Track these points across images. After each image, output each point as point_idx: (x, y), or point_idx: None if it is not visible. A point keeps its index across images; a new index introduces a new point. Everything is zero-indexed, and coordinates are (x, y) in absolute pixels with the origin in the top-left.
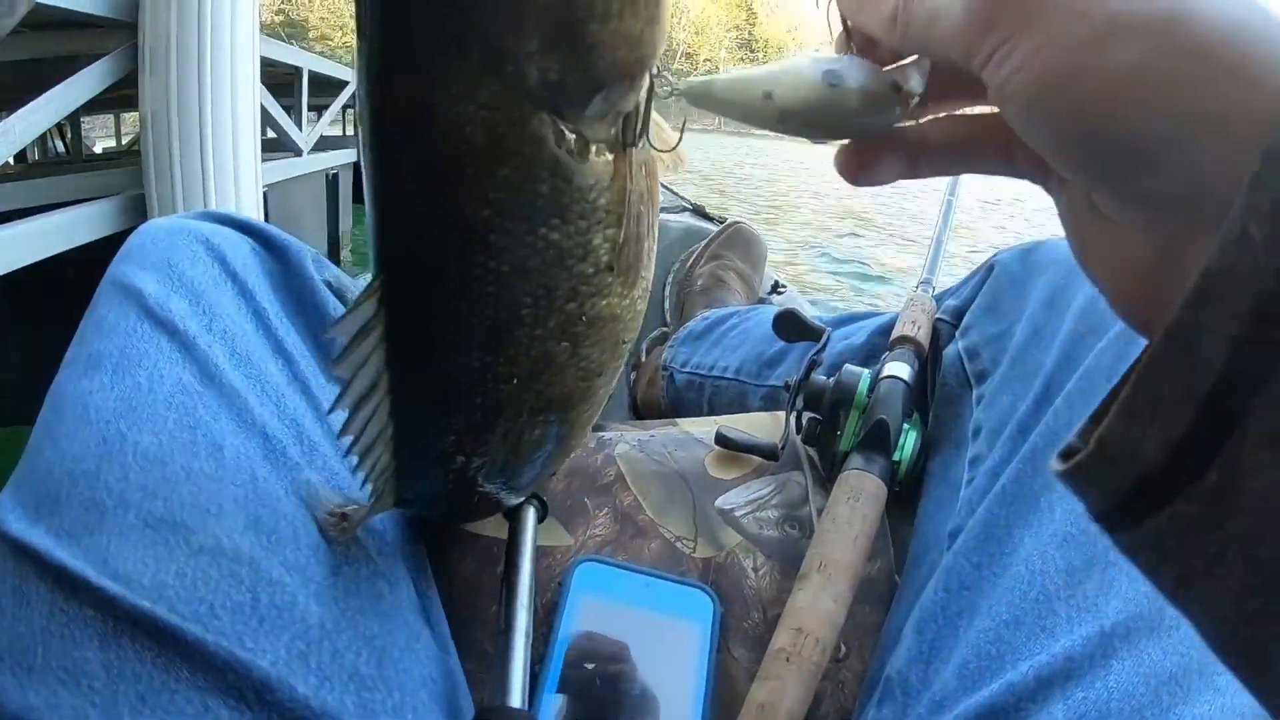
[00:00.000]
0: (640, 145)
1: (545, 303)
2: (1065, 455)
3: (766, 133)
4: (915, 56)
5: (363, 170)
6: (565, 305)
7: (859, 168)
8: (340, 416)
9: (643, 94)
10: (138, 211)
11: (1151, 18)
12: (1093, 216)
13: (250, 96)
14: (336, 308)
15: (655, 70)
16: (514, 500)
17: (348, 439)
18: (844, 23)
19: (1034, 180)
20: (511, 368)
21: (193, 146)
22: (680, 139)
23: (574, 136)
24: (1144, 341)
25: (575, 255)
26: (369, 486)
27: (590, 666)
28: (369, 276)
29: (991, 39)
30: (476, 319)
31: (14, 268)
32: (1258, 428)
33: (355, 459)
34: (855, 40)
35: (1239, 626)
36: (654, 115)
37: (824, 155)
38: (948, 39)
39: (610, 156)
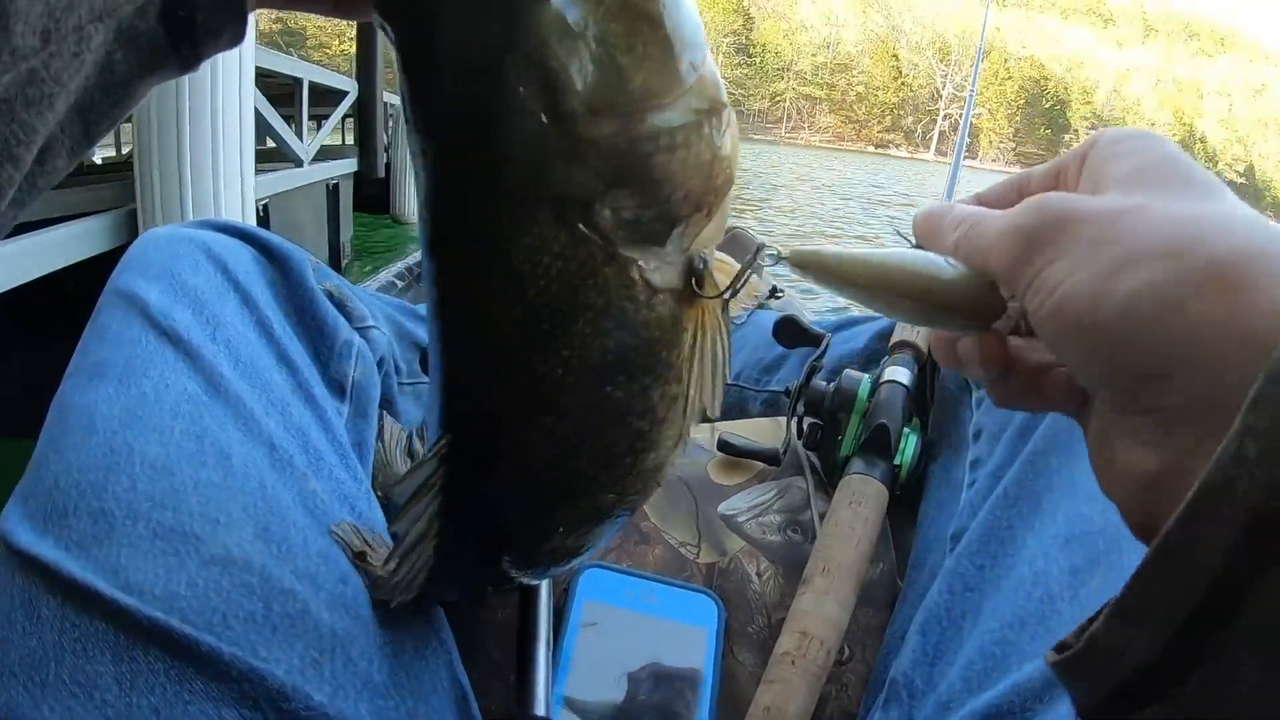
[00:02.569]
0: (718, 293)
1: (602, 462)
2: (1059, 648)
3: (764, 140)
4: None
5: (429, 328)
6: (621, 461)
7: (948, 358)
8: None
9: (717, 238)
10: (130, 227)
11: (1166, 245)
12: (1112, 440)
13: (240, 109)
14: (335, 318)
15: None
16: None
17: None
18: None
19: (1064, 411)
20: (562, 523)
21: (184, 160)
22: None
23: (643, 284)
24: None
25: (635, 412)
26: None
27: (598, 678)
28: (435, 434)
29: (1029, 271)
30: (537, 482)
31: (11, 286)
32: (1243, 635)
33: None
34: None
35: None
36: (719, 254)
37: (825, 163)
38: (997, 272)
39: (677, 307)
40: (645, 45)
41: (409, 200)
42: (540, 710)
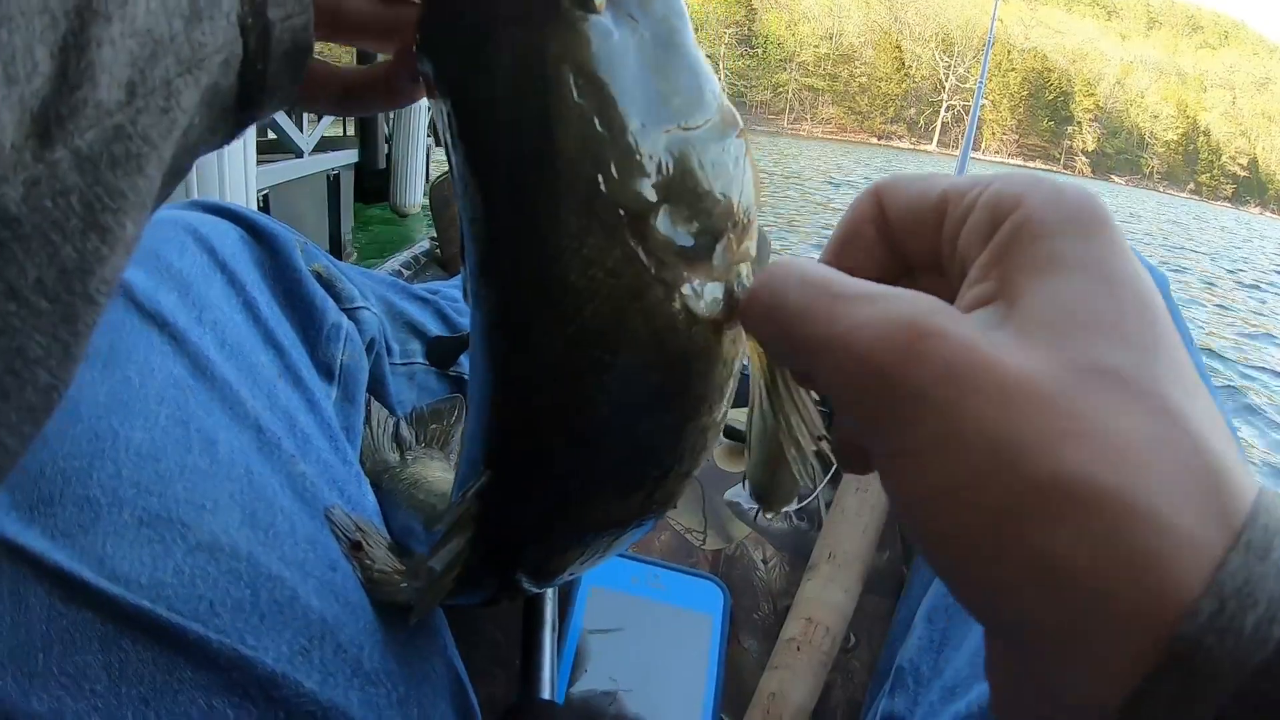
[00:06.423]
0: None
1: (630, 499)
2: None
3: (766, 131)
4: None
5: (472, 357)
6: (650, 495)
7: None
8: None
9: (753, 250)
10: None
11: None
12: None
13: None
14: (324, 299)
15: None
16: None
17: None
18: None
19: None
20: (581, 553)
21: None
22: None
23: (684, 311)
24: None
25: (667, 447)
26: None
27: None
28: (476, 469)
29: (880, 441)
30: (564, 517)
31: None
32: None
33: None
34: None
35: None
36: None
37: (831, 168)
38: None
39: (712, 337)
40: (678, 72)
41: (408, 192)
42: (545, 694)
